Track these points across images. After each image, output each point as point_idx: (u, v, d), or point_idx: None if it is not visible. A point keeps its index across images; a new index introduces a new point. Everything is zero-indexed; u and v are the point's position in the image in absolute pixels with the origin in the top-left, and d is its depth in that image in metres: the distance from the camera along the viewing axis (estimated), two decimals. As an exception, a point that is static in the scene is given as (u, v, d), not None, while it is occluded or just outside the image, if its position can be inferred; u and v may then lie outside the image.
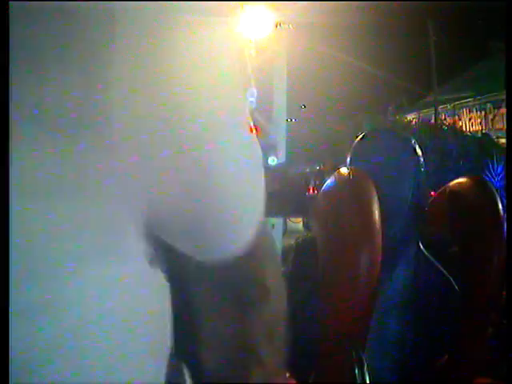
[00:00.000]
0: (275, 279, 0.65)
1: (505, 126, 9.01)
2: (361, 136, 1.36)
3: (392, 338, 1.26)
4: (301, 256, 1.35)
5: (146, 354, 0.43)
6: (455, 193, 1.39)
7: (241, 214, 0.47)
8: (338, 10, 6.59)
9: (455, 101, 11.63)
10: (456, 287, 1.27)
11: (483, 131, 10.18)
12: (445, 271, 1.28)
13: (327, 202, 1.21)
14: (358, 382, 1.02)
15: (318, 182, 8.28)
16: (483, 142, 7.87)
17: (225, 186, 0.42)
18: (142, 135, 0.35)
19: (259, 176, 0.49)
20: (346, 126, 9.22)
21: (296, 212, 7.92)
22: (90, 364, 0.36)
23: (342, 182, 1.17)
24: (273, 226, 7.68)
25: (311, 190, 8.19)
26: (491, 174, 6.39)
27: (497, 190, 1.33)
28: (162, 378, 0.48)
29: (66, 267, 0.34)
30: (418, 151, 1.31)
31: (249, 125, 0.45)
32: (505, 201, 1.30)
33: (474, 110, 11.09)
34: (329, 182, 1.21)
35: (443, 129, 8.61)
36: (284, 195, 7.58)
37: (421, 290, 1.27)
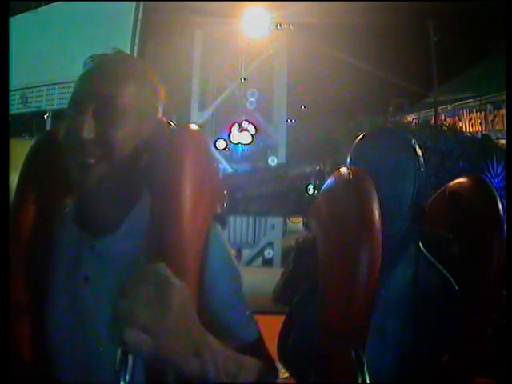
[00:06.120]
0: None
1: (505, 127, 9.02)
2: (361, 136, 1.36)
3: (392, 338, 1.26)
4: (301, 256, 1.35)
5: None
6: (455, 193, 1.39)
7: None
8: (337, 9, 6.59)
9: (455, 101, 11.64)
10: (456, 287, 1.27)
11: (483, 132, 10.18)
12: (445, 271, 1.28)
13: (327, 202, 1.21)
14: (358, 382, 1.02)
15: (317, 182, 8.27)
16: (483, 142, 7.87)
17: None
18: None
19: None
20: (346, 126, 9.21)
21: (296, 212, 7.91)
22: None
23: (342, 181, 1.17)
24: (273, 226, 7.68)
25: (311, 190, 8.19)
26: (491, 175, 6.40)
27: (497, 190, 1.33)
28: None
29: None
30: (418, 151, 1.31)
31: None
32: (505, 201, 1.30)
33: (474, 111, 11.10)
34: (329, 181, 1.20)
35: (443, 129, 8.60)
36: (284, 195, 7.58)
37: (421, 289, 1.26)
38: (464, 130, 10.38)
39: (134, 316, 0.69)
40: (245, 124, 8.39)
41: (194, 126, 0.93)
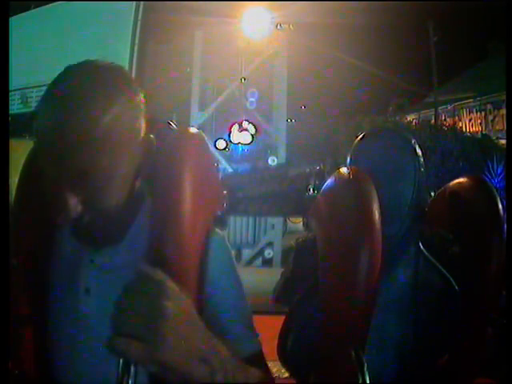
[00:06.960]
0: None
1: (505, 127, 9.02)
2: (361, 136, 1.36)
3: (392, 339, 1.26)
4: (301, 256, 1.35)
5: None
6: (455, 193, 1.39)
7: None
8: (338, 9, 6.59)
9: (455, 101, 11.65)
10: (456, 287, 1.27)
11: (483, 132, 10.19)
12: (445, 271, 1.28)
13: (327, 202, 1.21)
14: (358, 382, 1.02)
15: (317, 182, 8.29)
16: (483, 142, 7.88)
17: None
18: None
19: None
20: (346, 126, 9.22)
21: (296, 212, 7.92)
22: None
23: (341, 181, 1.17)
24: (273, 226, 7.69)
25: (311, 190, 8.19)
26: (491, 175, 6.40)
27: (497, 190, 1.33)
28: None
29: None
30: (418, 151, 1.31)
31: None
32: (505, 201, 1.30)
33: (474, 111, 11.10)
34: (329, 181, 1.20)
35: (443, 129, 8.61)
36: (284, 195, 7.58)
37: (421, 289, 1.27)
38: (464, 129, 10.38)
39: (132, 325, 0.67)
40: (245, 124, 8.40)
41: (193, 129, 0.92)
